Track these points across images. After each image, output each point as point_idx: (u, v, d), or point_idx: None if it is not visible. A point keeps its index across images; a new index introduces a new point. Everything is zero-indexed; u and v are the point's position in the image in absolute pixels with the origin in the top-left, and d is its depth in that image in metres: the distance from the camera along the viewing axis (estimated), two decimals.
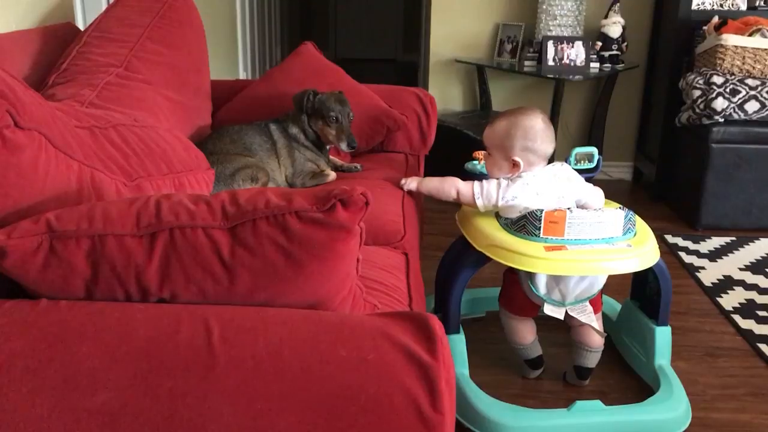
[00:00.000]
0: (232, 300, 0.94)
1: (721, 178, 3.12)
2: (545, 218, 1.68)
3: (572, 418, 1.76)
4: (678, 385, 1.90)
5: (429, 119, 2.62)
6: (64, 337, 0.87)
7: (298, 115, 2.28)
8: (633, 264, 1.73)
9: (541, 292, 1.82)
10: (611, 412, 1.79)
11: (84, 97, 1.64)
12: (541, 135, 1.81)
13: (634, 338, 2.11)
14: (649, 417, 1.80)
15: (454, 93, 3.97)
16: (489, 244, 1.76)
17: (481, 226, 1.81)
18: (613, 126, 3.83)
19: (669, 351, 2.01)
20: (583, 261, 1.68)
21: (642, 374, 2.06)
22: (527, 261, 1.68)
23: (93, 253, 0.91)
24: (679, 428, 1.81)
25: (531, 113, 1.84)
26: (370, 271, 1.55)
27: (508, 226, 1.77)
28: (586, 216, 1.70)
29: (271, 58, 5.50)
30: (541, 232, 1.70)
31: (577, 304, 1.83)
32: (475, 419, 1.76)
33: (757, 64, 3.07)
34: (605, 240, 1.73)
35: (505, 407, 1.77)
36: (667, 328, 2.00)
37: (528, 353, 1.99)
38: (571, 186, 1.84)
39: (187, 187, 1.49)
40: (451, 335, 1.87)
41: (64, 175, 1.08)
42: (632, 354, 2.11)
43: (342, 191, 0.93)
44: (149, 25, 2.00)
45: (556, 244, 1.69)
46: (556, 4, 3.49)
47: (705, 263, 2.85)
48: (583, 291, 1.82)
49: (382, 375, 0.85)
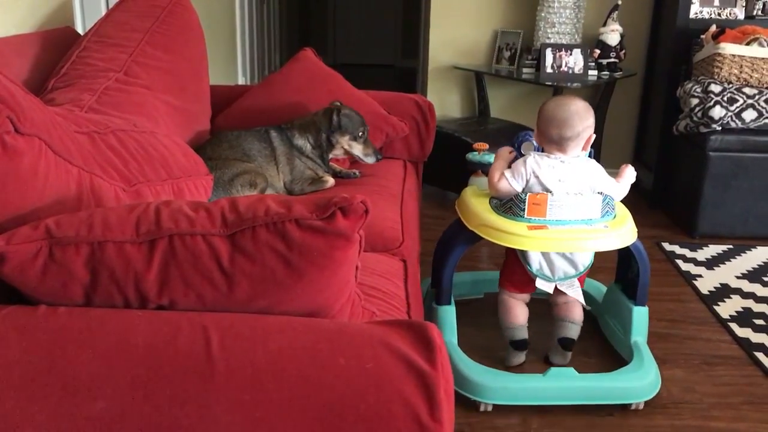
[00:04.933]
0: (231, 307, 0.94)
1: (718, 187, 3.13)
2: (529, 200, 1.85)
3: (546, 382, 1.92)
4: (649, 358, 2.03)
5: (428, 126, 2.62)
6: (62, 343, 0.87)
7: (310, 128, 2.28)
8: (607, 243, 1.87)
9: (533, 268, 1.98)
10: (583, 378, 1.94)
11: (83, 102, 1.64)
12: (547, 119, 1.90)
13: (615, 318, 2.23)
14: (618, 384, 1.95)
15: (452, 99, 3.98)
16: (479, 224, 1.92)
17: (475, 209, 1.96)
18: (610, 133, 3.84)
19: (645, 329, 2.12)
20: (562, 239, 1.84)
21: (620, 350, 2.18)
22: (511, 238, 1.85)
23: (92, 260, 0.91)
24: (645, 396, 1.95)
25: (555, 98, 1.99)
26: (368, 278, 1.55)
27: (497, 208, 1.93)
28: (567, 199, 1.86)
29: (270, 64, 5.51)
30: (525, 213, 1.86)
31: (565, 280, 1.99)
32: (460, 381, 1.91)
33: (755, 73, 3.08)
34: (584, 221, 1.87)
35: (486, 370, 1.95)
36: (645, 308, 2.12)
37: (515, 334, 2.09)
38: (580, 175, 1.91)
39: (186, 193, 1.49)
40: (443, 306, 2.07)
41: (63, 180, 1.08)
42: (613, 333, 2.24)
43: (342, 199, 0.93)
44: (149, 30, 2.00)
45: (538, 224, 1.85)
46: (555, 11, 3.50)
47: (702, 271, 2.85)
48: (569, 268, 1.98)
49: (381, 384, 0.85)
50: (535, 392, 1.92)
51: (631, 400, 1.94)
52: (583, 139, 1.93)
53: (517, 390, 1.92)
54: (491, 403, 1.92)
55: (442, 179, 3.47)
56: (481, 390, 1.91)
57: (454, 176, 3.19)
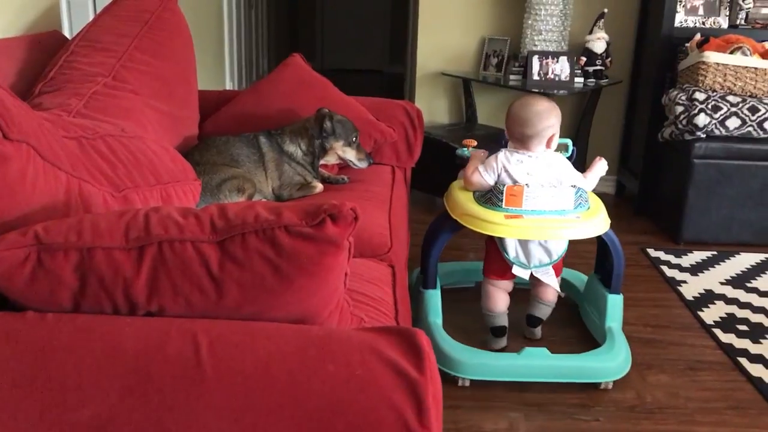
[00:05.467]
0: (220, 314, 0.95)
1: (702, 193, 3.16)
2: (506, 192, 2.00)
3: (521, 360, 2.06)
4: (621, 342, 2.15)
5: (416, 132, 2.63)
6: (50, 349, 0.86)
7: (301, 134, 2.29)
8: (578, 232, 2.02)
9: (510, 255, 2.13)
10: (555, 357, 2.07)
11: (71, 107, 1.63)
12: (512, 118, 2.09)
13: (592, 305, 2.38)
14: (588, 364, 2.09)
15: (440, 105, 3.99)
16: (462, 213, 2.07)
17: (459, 200, 2.11)
18: (596, 140, 3.87)
19: (619, 316, 2.26)
20: (536, 228, 1.99)
21: (595, 335, 2.31)
22: (489, 226, 2.00)
23: (81, 266, 0.91)
24: (613, 376, 2.08)
25: (522, 98, 2.15)
26: (357, 284, 1.56)
27: (479, 199, 2.07)
28: (542, 191, 2.00)
29: (258, 69, 5.50)
30: (503, 203, 2.00)
31: (540, 267, 2.13)
32: (441, 359, 2.02)
33: (738, 81, 3.11)
34: (558, 212, 2.01)
35: (465, 348, 2.09)
36: (619, 296, 2.26)
37: (495, 321, 2.23)
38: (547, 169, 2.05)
39: (174, 198, 1.48)
40: (428, 290, 2.22)
41: (52, 186, 1.08)
42: (590, 319, 2.38)
43: (331, 206, 0.93)
44: (137, 35, 1.99)
45: (515, 214, 2.00)
46: (542, 19, 3.53)
47: (687, 277, 2.88)
48: (544, 256, 2.13)
49: (370, 390, 0.86)
50: (509, 369, 2.06)
51: (599, 380, 2.07)
52: (545, 138, 2.06)
53: (493, 366, 2.07)
54: (469, 378, 2.06)
55: (431, 185, 3.47)
56: (460, 366, 2.05)
57: (442, 182, 3.19)
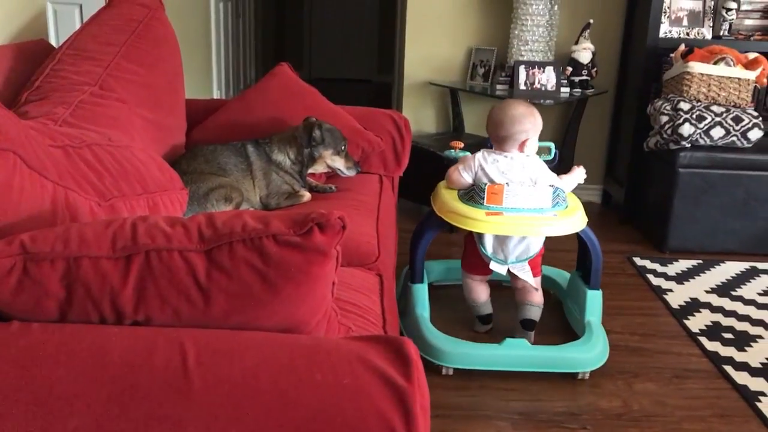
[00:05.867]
0: (207, 323, 0.94)
1: (688, 202, 3.18)
2: (488, 190, 2.11)
3: (501, 350, 2.16)
4: (598, 335, 2.26)
5: (404, 141, 2.64)
6: (36, 360, 0.86)
7: (289, 143, 2.29)
8: (555, 229, 2.11)
9: (488, 251, 2.22)
10: (534, 348, 2.19)
11: (57, 116, 1.62)
12: (490, 120, 2.22)
13: (574, 301, 2.51)
14: (565, 354, 2.19)
15: (427, 115, 4.01)
16: (446, 211, 2.18)
17: (444, 198, 2.22)
18: (583, 150, 3.90)
19: (598, 311, 2.38)
20: (514, 224, 2.10)
21: (576, 329, 2.42)
22: (471, 222, 2.11)
23: (68, 276, 0.90)
24: (589, 367, 2.18)
25: (502, 102, 2.26)
26: (344, 293, 1.56)
27: (462, 197, 2.18)
28: (521, 190, 2.10)
29: (245, 78, 5.50)
30: (484, 201, 2.11)
31: (517, 263, 2.22)
32: (425, 348, 2.18)
33: (722, 91, 3.15)
34: (536, 210, 2.11)
35: (449, 339, 2.20)
36: (598, 291, 2.39)
37: (480, 310, 2.39)
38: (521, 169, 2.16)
39: (161, 207, 1.48)
40: (416, 284, 2.35)
41: (38, 195, 1.07)
42: (571, 314, 2.50)
43: (319, 215, 0.93)
44: (125, 43, 1.99)
45: (495, 211, 2.10)
46: (528, 29, 3.56)
47: (672, 285, 2.90)
48: (521, 253, 2.22)
49: (358, 399, 0.86)
50: (491, 359, 2.17)
51: (576, 370, 2.18)
52: (518, 141, 2.17)
53: (475, 356, 2.17)
54: (452, 367, 2.17)
55: (418, 194, 3.47)
56: (444, 355, 2.17)
57: (429, 191, 3.21)
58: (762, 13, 3.54)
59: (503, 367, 2.15)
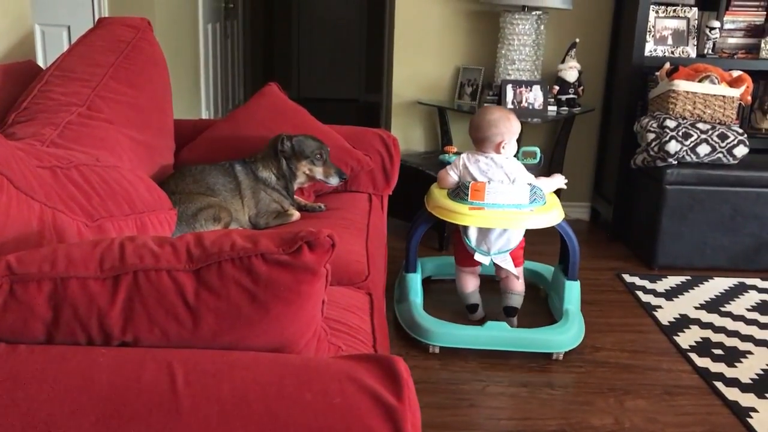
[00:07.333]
0: (196, 343, 0.93)
1: (675, 219, 3.20)
2: (471, 188, 2.37)
3: (483, 331, 2.41)
4: (573, 320, 2.49)
5: (392, 160, 2.65)
6: (22, 382, 0.85)
7: (271, 159, 2.30)
8: (531, 222, 2.37)
9: (472, 243, 2.45)
10: (512, 330, 2.44)
11: (45, 137, 1.62)
12: (470, 123, 2.49)
13: (555, 292, 2.75)
14: (541, 336, 2.42)
15: (416, 134, 4.02)
16: (435, 206, 2.45)
17: (435, 196, 2.48)
18: (570, 167, 3.92)
19: (577, 300, 2.62)
20: (494, 217, 2.34)
21: (556, 317, 2.63)
22: (456, 216, 2.36)
23: (55, 296, 0.89)
24: (562, 348, 2.41)
25: (483, 107, 2.59)
26: (334, 312, 1.55)
27: (450, 195, 2.43)
28: (501, 187, 2.36)
29: (234, 98, 5.51)
30: (468, 197, 2.36)
31: (499, 254, 2.44)
32: (415, 329, 2.46)
33: (707, 109, 3.18)
34: (515, 206, 2.35)
35: (436, 321, 2.46)
36: (576, 282, 2.63)
37: (468, 299, 2.63)
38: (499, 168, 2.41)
39: (150, 228, 1.47)
40: (409, 273, 2.64)
41: (25, 216, 1.06)
42: (554, 305, 2.73)
43: (308, 233, 0.93)
44: (113, 64, 1.99)
45: (478, 206, 2.34)
46: (515, 49, 3.59)
47: (662, 302, 2.91)
48: (502, 245, 2.44)
49: (349, 418, 0.85)
50: (473, 338, 2.40)
51: (551, 350, 2.41)
52: (493, 143, 2.42)
53: (459, 335, 2.41)
54: (438, 346, 2.41)
55: (407, 212, 3.48)
56: (431, 335, 2.41)
57: (418, 209, 3.22)
58: (745, 31, 3.59)
59: (485, 346, 2.39)
